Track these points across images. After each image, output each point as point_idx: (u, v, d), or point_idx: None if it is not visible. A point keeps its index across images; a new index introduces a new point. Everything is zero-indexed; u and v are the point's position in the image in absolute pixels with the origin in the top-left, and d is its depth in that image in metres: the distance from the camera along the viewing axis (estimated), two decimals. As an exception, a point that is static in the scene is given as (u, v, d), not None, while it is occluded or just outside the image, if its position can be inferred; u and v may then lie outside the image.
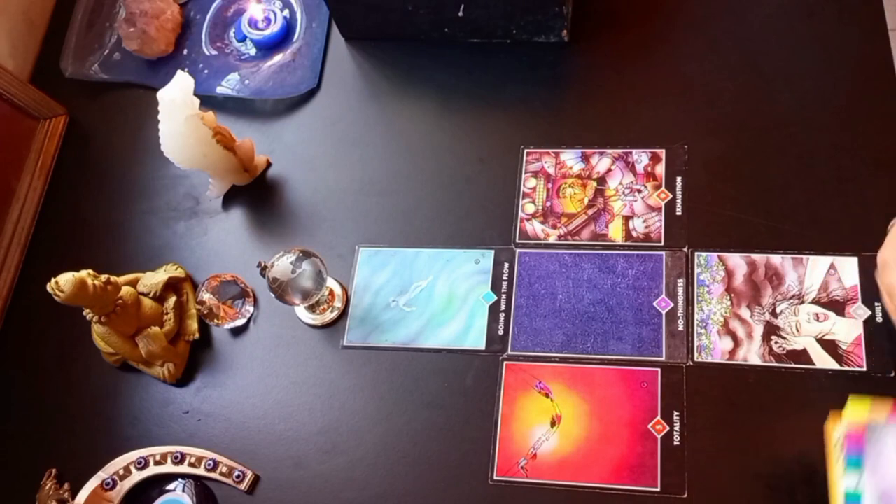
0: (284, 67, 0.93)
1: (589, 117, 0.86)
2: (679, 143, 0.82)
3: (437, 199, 0.85)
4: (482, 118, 0.88)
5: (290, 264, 0.75)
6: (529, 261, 0.80)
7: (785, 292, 0.74)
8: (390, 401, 0.77)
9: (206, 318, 0.81)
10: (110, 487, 0.77)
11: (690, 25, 0.88)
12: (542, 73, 0.89)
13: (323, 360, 0.80)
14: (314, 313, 0.81)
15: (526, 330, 0.78)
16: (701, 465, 0.70)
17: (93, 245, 0.90)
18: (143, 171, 0.93)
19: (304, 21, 0.97)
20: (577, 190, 0.83)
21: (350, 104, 0.92)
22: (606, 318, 0.77)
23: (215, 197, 0.89)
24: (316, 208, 0.87)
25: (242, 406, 0.80)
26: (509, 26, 0.89)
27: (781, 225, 0.77)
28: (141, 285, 0.82)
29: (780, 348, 0.73)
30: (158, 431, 0.80)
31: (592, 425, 0.73)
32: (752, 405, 0.71)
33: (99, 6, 1.03)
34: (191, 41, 0.98)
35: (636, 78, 0.87)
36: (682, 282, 0.77)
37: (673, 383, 0.73)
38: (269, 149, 0.91)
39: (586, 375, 0.75)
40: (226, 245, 0.87)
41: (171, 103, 0.77)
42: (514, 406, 0.75)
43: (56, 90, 0.97)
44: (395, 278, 0.82)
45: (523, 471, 0.72)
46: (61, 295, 0.72)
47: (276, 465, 0.77)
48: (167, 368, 0.81)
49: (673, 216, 0.79)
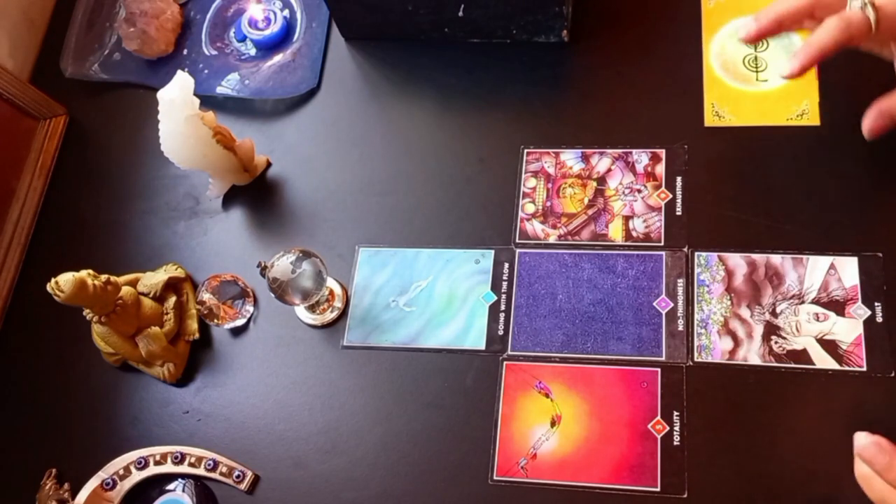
0: (284, 67, 0.93)
1: (589, 117, 0.86)
2: (679, 143, 0.82)
3: (437, 199, 0.85)
4: (482, 118, 0.88)
5: (290, 264, 0.75)
6: (529, 261, 0.80)
7: (785, 292, 0.74)
8: (390, 401, 0.77)
9: (206, 318, 0.81)
10: (110, 487, 0.77)
11: (690, 25, 0.88)
12: (542, 73, 0.89)
13: (323, 360, 0.80)
14: (314, 313, 0.81)
15: (526, 330, 0.78)
16: (701, 465, 0.70)
17: (93, 245, 0.90)
18: (143, 171, 0.93)
19: (304, 21, 0.97)
20: (577, 190, 0.83)
21: (350, 104, 0.92)
22: (606, 318, 0.77)
23: (215, 197, 0.89)
24: (316, 208, 0.87)
25: (242, 406, 0.80)
26: (509, 26, 0.89)
27: (781, 225, 0.77)
28: (141, 285, 0.82)
29: (780, 348, 0.73)
30: (158, 431, 0.80)
31: (592, 425, 0.73)
32: (752, 405, 0.71)
33: (99, 6, 1.03)
34: (191, 41, 0.98)
35: (636, 78, 0.87)
36: (682, 282, 0.77)
37: (673, 383, 0.73)
38: (269, 149, 0.91)
39: (586, 375, 0.75)
40: (226, 245, 0.87)
41: (171, 103, 0.77)
42: (514, 406, 0.75)
43: (56, 90, 0.97)
44: (395, 278, 0.82)
45: (523, 471, 0.72)
46: (61, 295, 0.72)
47: (276, 465, 0.77)
48: (167, 368, 0.81)
49: (673, 216, 0.79)
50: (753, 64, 0.85)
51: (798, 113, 0.82)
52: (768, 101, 0.83)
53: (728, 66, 0.85)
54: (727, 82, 0.85)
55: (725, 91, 0.84)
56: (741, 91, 0.84)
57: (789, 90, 0.83)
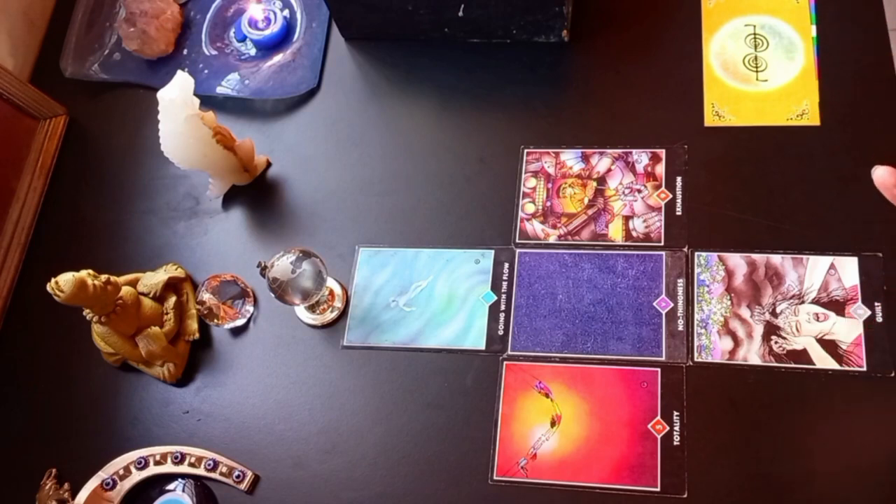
0: (284, 67, 0.93)
1: (589, 117, 0.86)
2: (679, 143, 0.82)
3: (437, 199, 0.85)
4: (482, 118, 0.88)
5: (290, 264, 0.75)
6: (529, 261, 0.80)
7: (785, 292, 0.74)
8: (390, 401, 0.77)
9: (206, 318, 0.81)
10: (110, 487, 0.77)
11: (690, 25, 0.88)
12: (542, 73, 0.89)
13: (323, 360, 0.80)
14: (314, 313, 0.81)
15: (526, 330, 0.78)
16: (701, 465, 0.70)
17: (93, 245, 0.90)
18: (143, 171, 0.93)
19: (304, 21, 0.97)
20: (577, 190, 0.83)
21: (350, 104, 0.92)
22: (606, 318, 0.77)
23: (215, 197, 0.89)
24: (316, 208, 0.87)
25: (242, 406, 0.80)
26: (509, 26, 0.89)
27: (781, 225, 0.77)
28: (141, 285, 0.82)
29: (780, 348, 0.73)
30: (158, 431, 0.80)
31: (592, 425, 0.73)
32: (752, 405, 0.71)
33: (99, 6, 1.03)
34: (191, 41, 0.98)
35: (636, 78, 0.87)
36: (682, 282, 0.77)
37: (673, 383, 0.73)
38: (269, 149, 0.91)
39: (586, 375, 0.75)
40: (226, 245, 0.87)
41: (171, 103, 0.77)
42: (514, 406, 0.75)
43: (56, 90, 0.97)
44: (395, 278, 0.82)
45: (523, 471, 0.72)
46: (61, 295, 0.72)
47: (276, 465, 0.77)
48: (167, 368, 0.81)
49: (673, 216, 0.79)
50: (753, 64, 0.85)
51: (798, 113, 0.82)
52: (768, 101, 0.83)
53: (728, 66, 0.85)
54: (727, 82, 0.85)
55: (725, 91, 0.84)
56: (741, 91, 0.84)
57: (789, 90, 0.83)
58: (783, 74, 0.84)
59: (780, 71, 0.84)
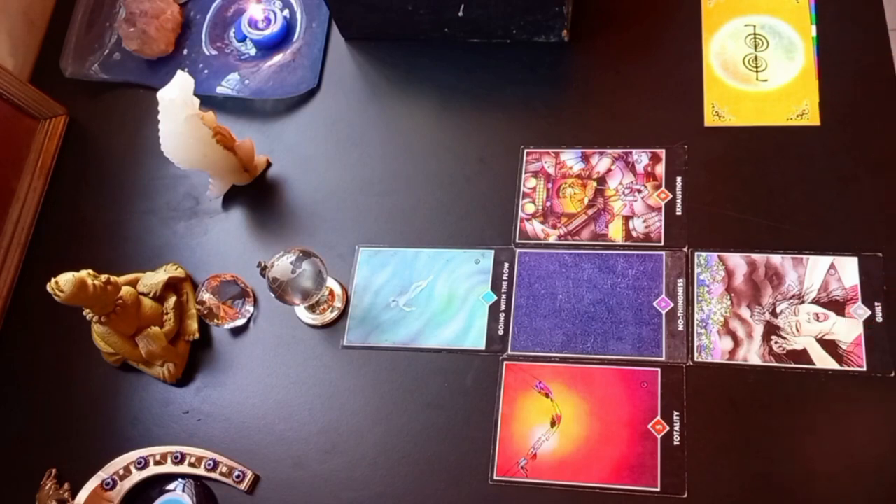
0: (284, 67, 0.93)
1: (589, 117, 0.86)
2: (679, 143, 0.82)
3: (436, 199, 0.85)
4: (482, 118, 0.88)
5: (290, 264, 0.75)
6: (529, 261, 0.80)
7: (785, 292, 0.74)
8: (390, 401, 0.77)
9: (206, 318, 0.81)
10: (110, 487, 0.77)
11: (690, 25, 0.88)
12: (542, 73, 0.89)
13: (323, 360, 0.80)
14: (314, 313, 0.81)
15: (526, 330, 0.78)
16: (701, 465, 0.70)
17: (93, 245, 0.90)
18: (143, 171, 0.93)
19: (304, 21, 0.97)
20: (577, 190, 0.83)
21: (350, 104, 0.92)
22: (606, 318, 0.77)
23: (215, 197, 0.89)
24: (316, 208, 0.87)
25: (242, 406, 0.80)
26: (509, 26, 0.89)
27: (781, 225, 0.77)
28: (141, 285, 0.82)
29: (780, 348, 0.73)
30: (158, 431, 0.80)
31: (592, 425, 0.73)
32: (752, 405, 0.71)
33: (99, 6, 1.03)
34: (191, 41, 0.98)
35: (636, 78, 0.87)
36: (682, 282, 0.77)
37: (673, 383, 0.73)
38: (269, 149, 0.91)
39: (586, 375, 0.75)
40: (226, 245, 0.87)
41: (171, 103, 0.77)
42: (514, 406, 0.75)
43: (56, 90, 0.97)
44: (395, 278, 0.82)
45: (523, 471, 0.72)
46: (61, 295, 0.72)
47: (276, 465, 0.77)
48: (167, 368, 0.81)
49: (673, 216, 0.79)
50: (753, 64, 0.85)
51: (798, 113, 0.82)
52: (768, 101, 0.83)
53: (728, 66, 0.85)
54: (727, 82, 0.85)
55: (725, 91, 0.84)
56: (741, 91, 0.84)
57: (789, 90, 0.83)
58: (783, 74, 0.84)
59: (780, 71, 0.84)
